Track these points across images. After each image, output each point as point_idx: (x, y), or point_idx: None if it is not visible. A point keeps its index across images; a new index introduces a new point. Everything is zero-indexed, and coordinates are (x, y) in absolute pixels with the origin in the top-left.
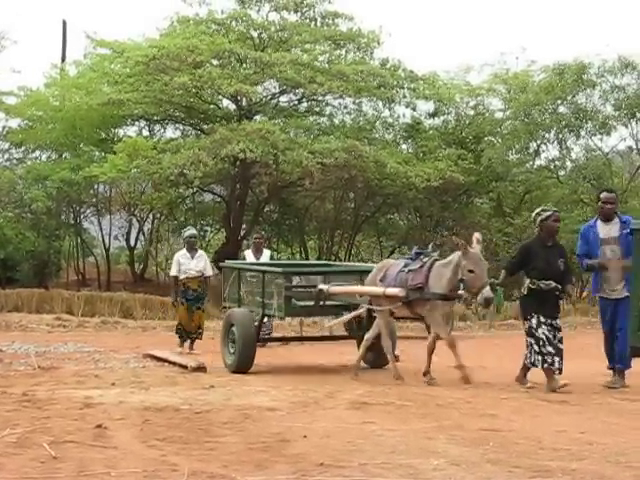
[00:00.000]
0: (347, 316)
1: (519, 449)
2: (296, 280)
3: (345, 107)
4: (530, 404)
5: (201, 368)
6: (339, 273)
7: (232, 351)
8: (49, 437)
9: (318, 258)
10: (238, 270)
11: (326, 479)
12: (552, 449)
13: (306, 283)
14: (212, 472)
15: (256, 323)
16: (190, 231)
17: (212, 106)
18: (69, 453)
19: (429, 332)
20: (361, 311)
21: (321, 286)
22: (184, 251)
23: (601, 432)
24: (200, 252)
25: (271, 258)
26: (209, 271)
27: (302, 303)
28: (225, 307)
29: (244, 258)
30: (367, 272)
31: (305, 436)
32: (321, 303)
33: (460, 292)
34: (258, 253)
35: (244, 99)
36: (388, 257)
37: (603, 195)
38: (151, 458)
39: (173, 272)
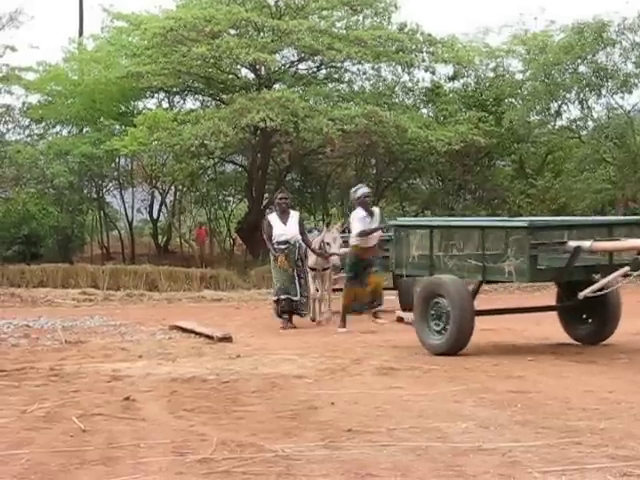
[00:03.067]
0: (610, 277)
1: (547, 410)
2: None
3: (364, 73)
4: (557, 365)
5: (227, 338)
6: (606, 226)
7: (438, 328)
8: (78, 411)
9: (342, 225)
10: (430, 229)
11: (354, 445)
12: (580, 409)
13: (546, 240)
14: (241, 441)
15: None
16: (363, 189)
17: (231, 76)
18: (98, 426)
19: None
20: (624, 270)
21: (577, 243)
22: (361, 212)
23: (629, 391)
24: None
25: (300, 221)
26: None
27: (548, 265)
28: (400, 275)
29: (268, 224)
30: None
31: (333, 403)
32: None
33: None
34: (284, 216)
35: (262, 68)
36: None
37: None
38: (179, 429)
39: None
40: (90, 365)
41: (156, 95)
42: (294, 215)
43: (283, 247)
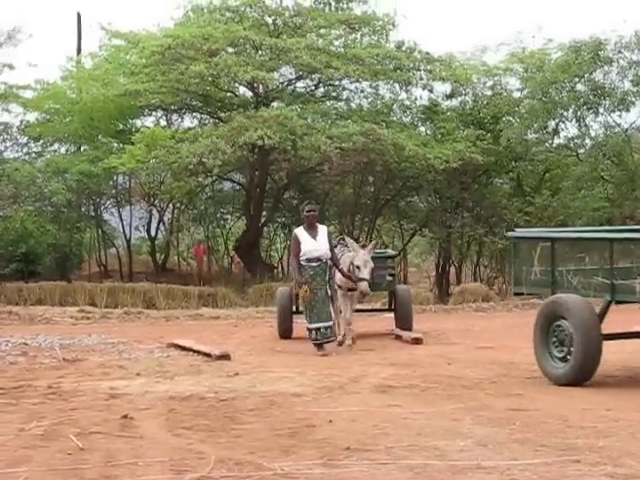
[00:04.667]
0: None
1: (545, 428)
2: None
3: (362, 91)
4: None
5: (225, 356)
6: None
7: (561, 355)
8: (76, 429)
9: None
10: (552, 241)
11: (353, 463)
12: (579, 427)
13: None
14: (239, 459)
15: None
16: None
17: (229, 94)
18: (96, 444)
19: None
20: None
21: None
22: None
23: (627, 409)
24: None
25: (329, 236)
26: None
27: None
28: (519, 293)
29: (296, 239)
30: None
31: (331, 421)
32: None
33: None
34: (313, 230)
35: (261, 86)
36: (409, 240)
37: None
38: (178, 447)
39: None
40: (88, 383)
41: (154, 113)
42: (323, 229)
43: (314, 264)
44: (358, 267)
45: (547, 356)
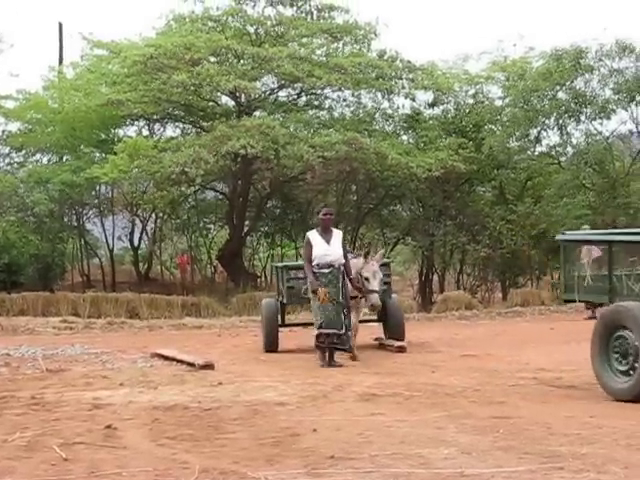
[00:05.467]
0: None
1: (529, 435)
2: None
3: (344, 100)
4: (539, 390)
5: (209, 365)
6: None
7: (624, 368)
8: (59, 439)
9: None
10: (609, 244)
11: (337, 472)
12: (562, 434)
13: None
14: (223, 468)
15: None
16: None
17: (211, 103)
18: (80, 454)
19: None
20: None
21: None
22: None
23: (610, 416)
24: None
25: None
26: None
27: None
28: (570, 300)
29: (308, 242)
30: None
31: (315, 430)
32: None
33: None
34: (327, 234)
35: (243, 95)
36: (392, 249)
37: None
38: (162, 457)
39: None
40: (71, 393)
41: (136, 123)
42: (337, 234)
43: (326, 271)
44: (367, 279)
45: (607, 369)
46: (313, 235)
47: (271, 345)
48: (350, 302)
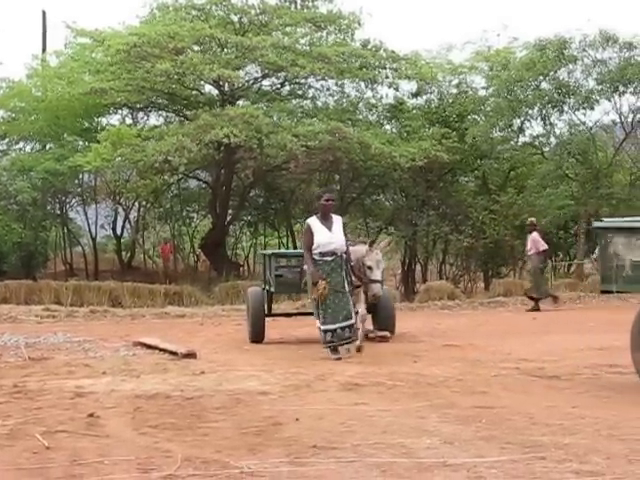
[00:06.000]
0: None
1: (511, 425)
2: None
3: (328, 89)
4: (521, 380)
5: (191, 354)
6: None
7: None
8: (41, 427)
9: None
10: None
11: (320, 461)
12: (544, 424)
13: None
14: (206, 457)
15: None
16: None
17: (194, 92)
18: (62, 443)
19: None
20: None
21: None
22: None
23: (592, 406)
24: None
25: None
26: None
27: None
28: (607, 291)
29: (308, 229)
30: None
31: (297, 419)
32: None
33: None
34: (327, 220)
35: (226, 84)
36: (375, 239)
37: None
38: (144, 445)
39: None
40: (54, 382)
41: (120, 111)
42: (338, 220)
43: (329, 259)
44: (370, 267)
45: None
46: (313, 222)
47: (257, 335)
48: (355, 290)
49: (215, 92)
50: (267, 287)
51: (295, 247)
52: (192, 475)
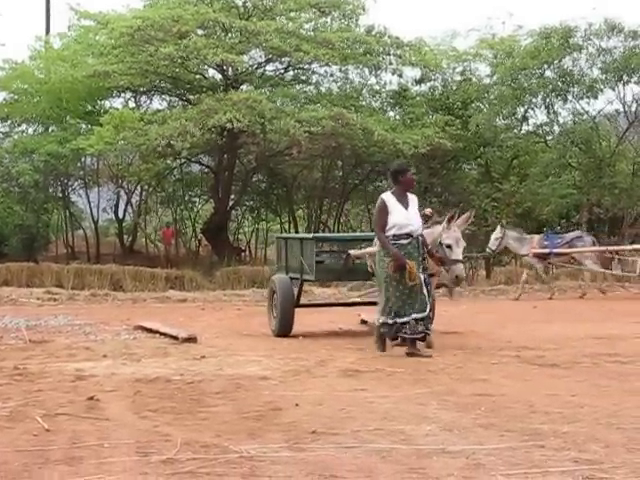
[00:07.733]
0: None
1: (511, 413)
2: None
3: (331, 75)
4: (521, 368)
5: (192, 339)
6: None
7: None
8: (41, 410)
9: (307, 227)
10: None
11: (319, 447)
12: (544, 412)
13: None
14: (205, 442)
15: None
16: None
17: (198, 76)
18: (62, 425)
19: None
20: None
21: None
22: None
23: (592, 395)
24: None
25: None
26: None
27: None
28: None
29: (383, 206)
30: None
31: (297, 404)
32: None
33: None
34: (403, 198)
35: (230, 69)
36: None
37: None
38: (144, 429)
39: None
40: (54, 364)
41: (123, 95)
42: (413, 199)
43: (405, 242)
44: (449, 246)
45: None
46: (389, 198)
47: (286, 329)
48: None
49: (218, 76)
50: (294, 274)
51: (297, 232)
52: (191, 459)
